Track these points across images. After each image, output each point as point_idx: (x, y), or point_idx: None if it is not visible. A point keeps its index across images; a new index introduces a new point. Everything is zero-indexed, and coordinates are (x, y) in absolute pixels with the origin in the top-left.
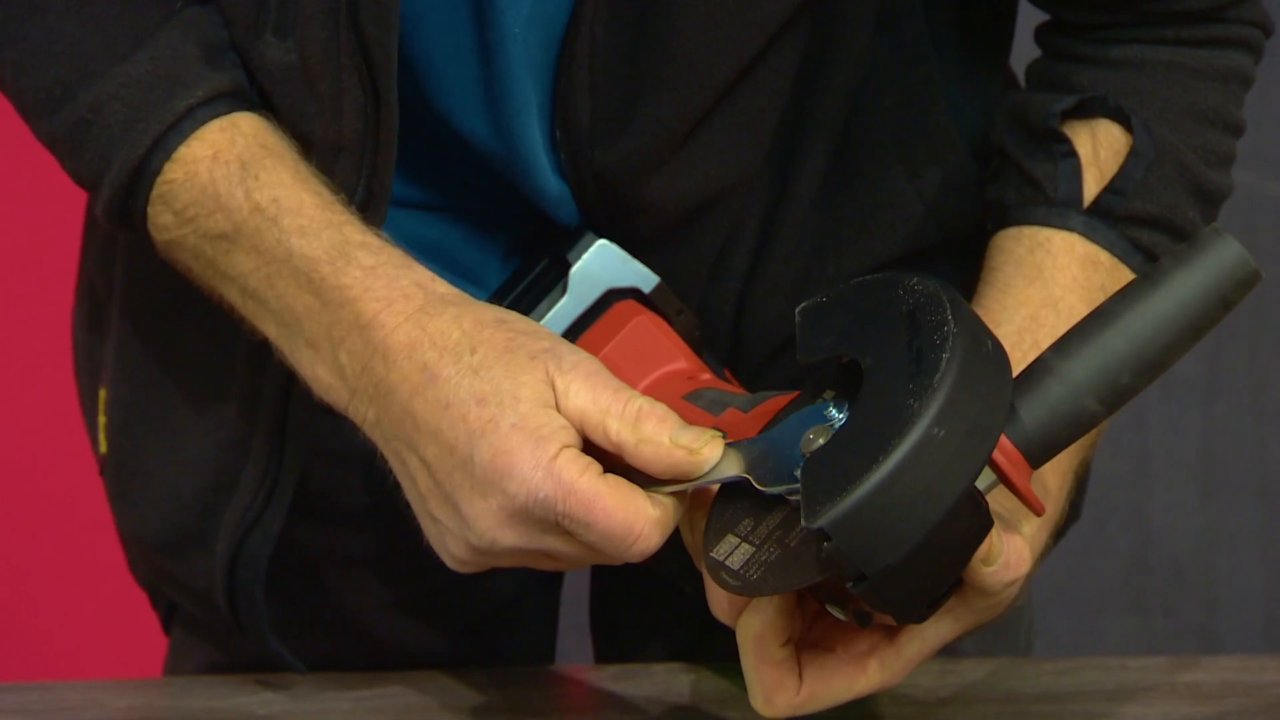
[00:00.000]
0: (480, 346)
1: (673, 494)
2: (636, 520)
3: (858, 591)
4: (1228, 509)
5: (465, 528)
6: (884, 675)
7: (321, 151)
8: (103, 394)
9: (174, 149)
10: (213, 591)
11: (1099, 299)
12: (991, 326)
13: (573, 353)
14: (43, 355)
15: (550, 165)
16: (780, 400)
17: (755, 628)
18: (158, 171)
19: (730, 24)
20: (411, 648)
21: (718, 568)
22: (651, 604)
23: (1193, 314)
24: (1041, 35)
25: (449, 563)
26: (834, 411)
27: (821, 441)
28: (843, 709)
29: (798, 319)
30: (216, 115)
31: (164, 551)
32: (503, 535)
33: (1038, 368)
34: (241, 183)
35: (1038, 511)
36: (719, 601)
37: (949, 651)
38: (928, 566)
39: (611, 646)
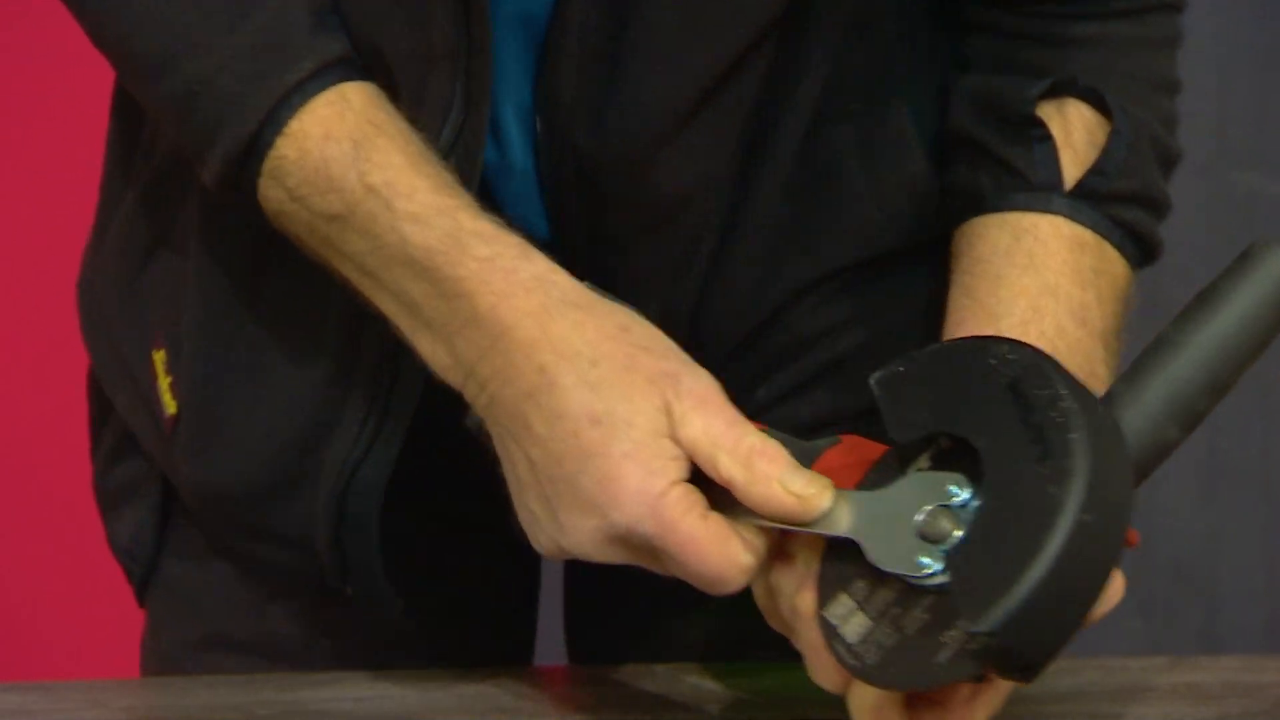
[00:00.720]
0: (602, 361)
1: (773, 529)
2: (729, 569)
3: (1019, 678)
4: (1231, 510)
5: (560, 534)
6: (987, 714)
7: (408, 64)
8: (160, 356)
9: (284, 124)
10: (313, 536)
11: (1090, 280)
12: (993, 320)
13: (692, 377)
14: (40, 355)
15: (524, 143)
16: (843, 456)
17: (872, 699)
18: (269, 146)
19: (711, 21)
20: (385, 646)
21: (833, 635)
22: (624, 609)
23: (1258, 330)
24: (976, 10)
25: (536, 548)
26: (953, 489)
27: (947, 525)
28: (840, 710)
29: (875, 390)
30: (324, 88)
31: (255, 500)
32: (596, 552)
33: (1114, 404)
34: (354, 164)
35: (1133, 545)
36: (826, 670)
37: None
38: (1071, 634)
39: (584, 651)
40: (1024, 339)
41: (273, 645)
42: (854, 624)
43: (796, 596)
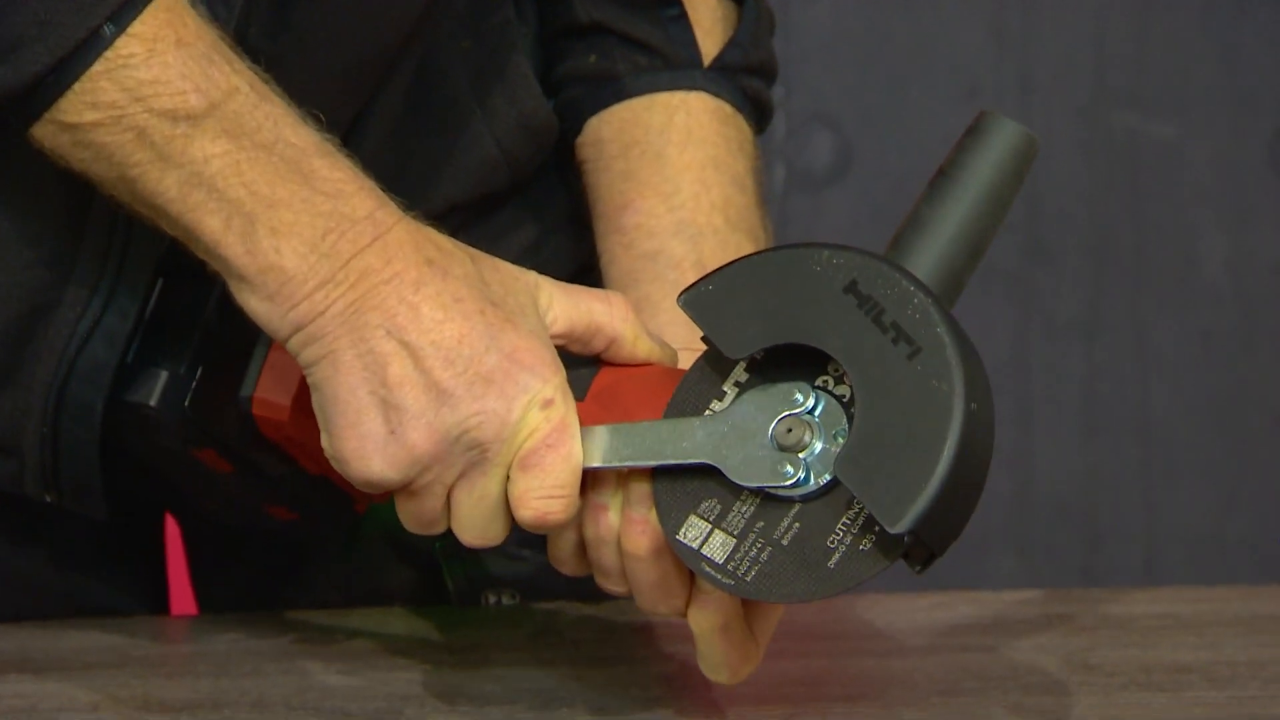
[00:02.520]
0: (477, 259)
1: (631, 469)
2: (576, 482)
3: (920, 570)
4: (1109, 449)
5: (449, 413)
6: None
7: None
8: None
9: (128, 24)
10: (19, 435)
11: (738, 150)
12: (664, 198)
13: (544, 279)
14: None
15: None
16: (616, 380)
17: (719, 619)
18: (107, 45)
19: None
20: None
21: (696, 558)
22: (251, 558)
23: (999, 197)
24: None
25: (372, 463)
26: (798, 397)
27: (803, 434)
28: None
29: (688, 311)
30: None
31: None
32: (479, 434)
33: None
34: (214, 64)
35: None
36: (670, 597)
37: None
38: (967, 520)
39: (215, 600)
40: (699, 211)
41: None
42: (716, 544)
43: (626, 540)
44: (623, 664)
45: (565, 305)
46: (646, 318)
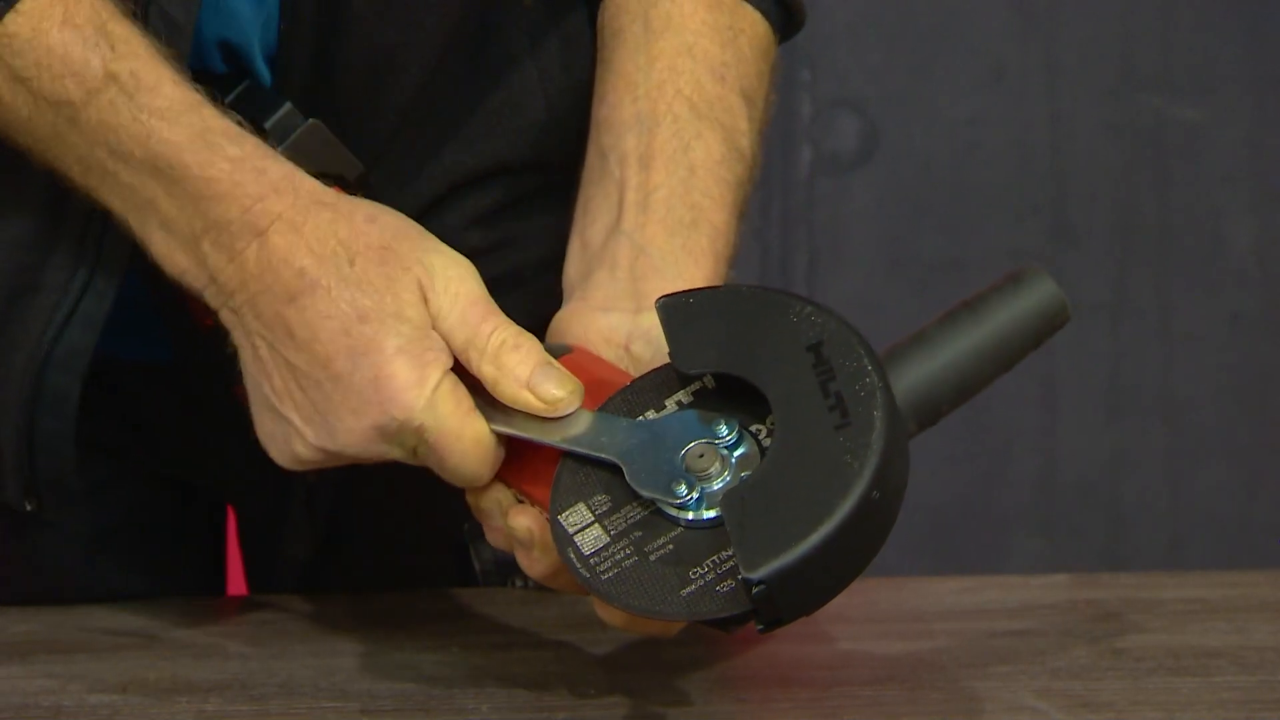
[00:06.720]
0: (358, 257)
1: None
2: (483, 471)
3: (764, 629)
4: (1134, 431)
5: (328, 437)
6: None
7: None
8: None
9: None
10: None
11: (729, 39)
12: (631, 87)
13: (445, 263)
14: None
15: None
16: (574, 368)
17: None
18: None
19: None
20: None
21: (566, 542)
22: (299, 540)
23: (1010, 349)
24: None
25: (281, 459)
26: (722, 429)
27: (712, 464)
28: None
29: (660, 314)
30: None
31: None
32: (365, 449)
33: None
34: (97, 49)
35: None
36: (555, 583)
37: None
38: (824, 603)
39: (262, 581)
40: (661, 99)
41: None
42: (590, 536)
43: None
44: (649, 647)
45: (449, 323)
46: (589, 221)
